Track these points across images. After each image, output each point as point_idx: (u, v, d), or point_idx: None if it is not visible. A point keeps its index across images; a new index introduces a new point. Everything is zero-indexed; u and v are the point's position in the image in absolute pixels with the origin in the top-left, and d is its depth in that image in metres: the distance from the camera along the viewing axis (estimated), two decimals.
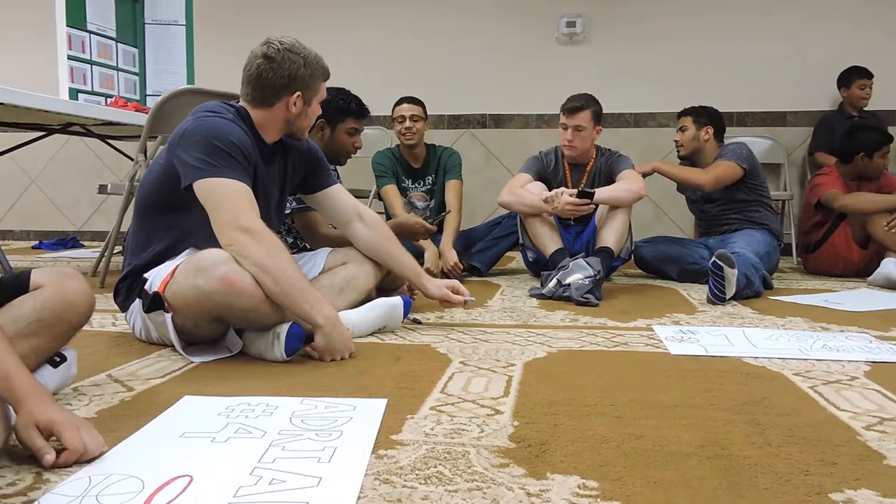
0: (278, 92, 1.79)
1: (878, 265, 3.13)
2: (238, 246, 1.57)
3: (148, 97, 3.74)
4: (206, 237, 1.65)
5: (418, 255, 3.17)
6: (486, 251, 3.35)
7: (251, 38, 1.95)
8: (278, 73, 1.77)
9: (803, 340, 1.89)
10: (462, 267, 3.20)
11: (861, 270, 3.32)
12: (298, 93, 1.81)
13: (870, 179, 3.44)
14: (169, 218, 1.78)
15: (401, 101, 3.49)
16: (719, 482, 0.95)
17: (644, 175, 3.17)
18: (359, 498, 0.89)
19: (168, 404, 1.28)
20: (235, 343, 1.69)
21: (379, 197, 3.51)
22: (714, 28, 4.68)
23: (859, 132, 3.46)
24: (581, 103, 3.05)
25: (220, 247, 1.60)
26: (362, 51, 4.96)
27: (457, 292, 2.07)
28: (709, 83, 4.61)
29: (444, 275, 3.11)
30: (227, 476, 0.95)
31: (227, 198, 1.63)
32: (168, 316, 1.58)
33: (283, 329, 1.60)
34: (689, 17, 4.71)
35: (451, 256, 3.15)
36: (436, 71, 4.87)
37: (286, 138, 1.91)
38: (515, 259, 3.89)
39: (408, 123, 3.39)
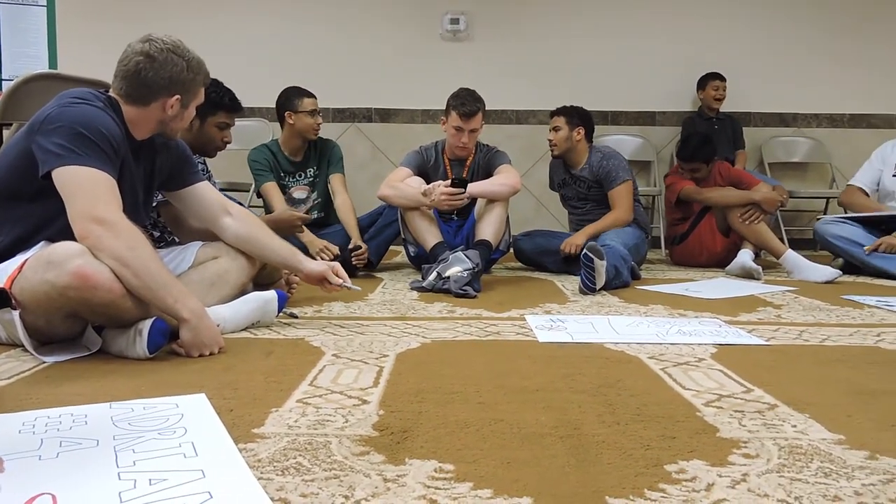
0: (156, 93, 1.72)
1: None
2: (93, 238, 1.50)
3: (4, 82, 3.49)
4: (62, 230, 1.56)
5: (302, 249, 3.12)
6: (372, 240, 3.33)
7: (123, 24, 1.87)
8: (159, 74, 1.70)
9: (661, 326, 2.02)
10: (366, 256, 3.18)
11: (722, 261, 3.57)
12: (178, 96, 1.74)
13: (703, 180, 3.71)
14: (20, 209, 1.66)
15: (308, 94, 3.37)
16: (568, 459, 1.00)
17: (581, 244, 3.16)
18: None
19: (14, 407, 1.21)
20: (94, 341, 1.61)
21: (258, 194, 3.43)
22: (592, 29, 4.89)
23: (684, 140, 3.85)
24: (477, 106, 3.10)
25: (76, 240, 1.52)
26: (242, 41, 4.83)
27: (337, 275, 2.05)
28: (586, 83, 4.82)
29: (344, 264, 3.06)
30: (94, 486, 0.88)
31: (85, 187, 1.55)
32: (16, 314, 1.48)
33: (146, 325, 1.54)
34: (570, 19, 4.89)
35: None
36: (320, 64, 4.81)
37: (155, 135, 1.83)
38: (400, 254, 3.92)
39: (319, 119, 3.33)
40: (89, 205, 1.53)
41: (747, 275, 3.25)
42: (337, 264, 2.09)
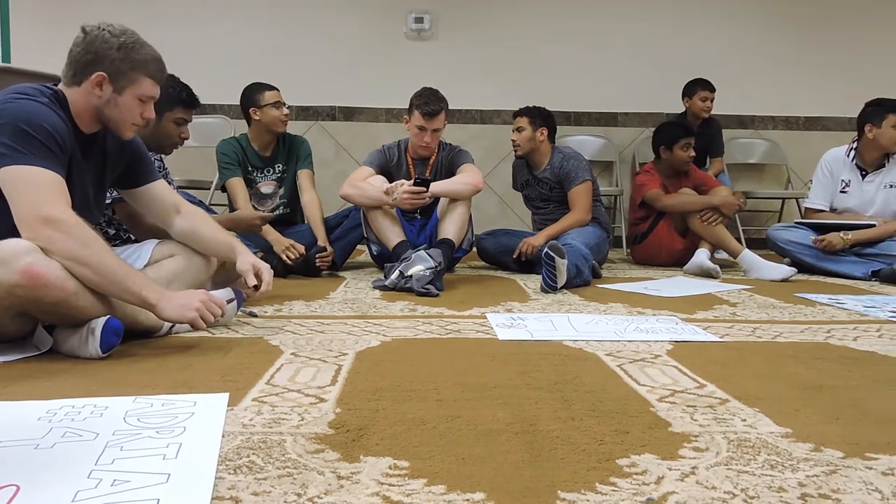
0: (83, 69, 1.66)
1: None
2: (43, 240, 1.46)
3: None
4: (11, 229, 1.52)
5: (268, 248, 3.10)
6: (337, 241, 3.32)
7: (79, 18, 1.80)
8: (85, 49, 1.65)
9: (619, 324, 2.04)
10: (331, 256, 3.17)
11: (681, 260, 3.62)
12: (102, 73, 1.66)
13: (684, 174, 3.74)
14: None
15: (269, 87, 3.32)
16: (522, 455, 1.01)
17: (538, 245, 3.19)
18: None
19: None
20: (45, 341, 1.57)
21: (222, 189, 3.39)
22: (555, 30, 4.92)
23: (662, 128, 3.81)
24: (440, 105, 3.10)
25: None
26: (207, 38, 4.76)
27: (260, 277, 1.94)
28: (549, 83, 4.85)
29: (308, 265, 3.07)
30: (60, 482, 0.88)
31: (30, 188, 1.50)
32: None
33: (99, 324, 1.51)
34: (534, 19, 4.92)
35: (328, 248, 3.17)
36: (283, 61, 4.77)
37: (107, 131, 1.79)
38: (364, 253, 3.90)
39: (285, 110, 3.29)
40: (35, 205, 1.49)
41: (705, 274, 3.31)
42: (265, 268, 1.96)
